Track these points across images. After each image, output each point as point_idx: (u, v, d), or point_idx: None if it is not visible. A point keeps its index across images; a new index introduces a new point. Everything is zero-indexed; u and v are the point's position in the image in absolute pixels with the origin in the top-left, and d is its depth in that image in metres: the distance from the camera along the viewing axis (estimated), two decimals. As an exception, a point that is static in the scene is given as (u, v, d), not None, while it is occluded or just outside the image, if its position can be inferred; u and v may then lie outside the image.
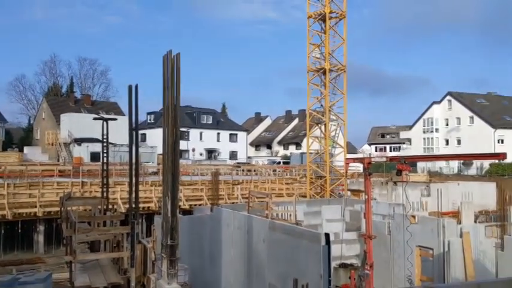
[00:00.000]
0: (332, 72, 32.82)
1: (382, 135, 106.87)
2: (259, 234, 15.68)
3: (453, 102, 72.82)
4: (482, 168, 58.20)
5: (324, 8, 32.02)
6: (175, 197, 8.98)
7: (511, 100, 77.60)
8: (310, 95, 33.65)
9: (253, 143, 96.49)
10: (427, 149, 73.95)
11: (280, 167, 56.49)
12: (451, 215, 23.72)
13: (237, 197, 32.37)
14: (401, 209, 19.44)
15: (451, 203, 28.00)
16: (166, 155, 9.13)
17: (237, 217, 17.51)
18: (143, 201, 28.52)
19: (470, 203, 24.10)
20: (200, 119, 74.80)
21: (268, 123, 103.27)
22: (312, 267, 12.58)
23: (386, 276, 18.19)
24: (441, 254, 16.42)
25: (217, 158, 72.51)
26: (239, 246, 17.03)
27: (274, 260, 14.69)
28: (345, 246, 19.64)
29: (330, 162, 33.59)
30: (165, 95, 9.27)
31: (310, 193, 33.34)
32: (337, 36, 32.91)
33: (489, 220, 22.12)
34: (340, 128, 34.90)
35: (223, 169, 46.06)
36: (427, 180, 37.35)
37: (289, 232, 14.15)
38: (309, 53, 33.06)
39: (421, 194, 31.38)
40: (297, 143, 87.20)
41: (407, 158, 15.67)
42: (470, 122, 69.65)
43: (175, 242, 9.09)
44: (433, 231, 16.85)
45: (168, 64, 9.28)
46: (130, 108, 14.48)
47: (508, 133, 67.56)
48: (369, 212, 15.35)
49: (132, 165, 14.80)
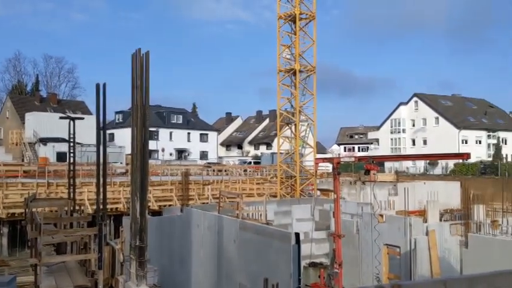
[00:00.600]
0: (302, 73, 33.04)
1: (351, 135, 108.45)
2: (229, 235, 15.66)
3: (419, 103, 74.56)
4: (447, 167, 59.79)
5: (294, 9, 32.21)
6: (144, 198, 8.84)
7: (474, 102, 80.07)
8: (280, 95, 33.79)
9: (224, 143, 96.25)
10: (394, 149, 75.46)
11: (251, 167, 56.51)
12: (417, 213, 24.26)
13: (207, 198, 32.19)
14: (369, 208, 19.78)
15: (418, 202, 28.63)
16: (135, 155, 8.99)
17: (207, 217, 17.42)
18: (111, 202, 28.01)
19: (435, 202, 24.72)
20: (170, 119, 74.04)
21: (239, 123, 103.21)
22: (282, 267, 12.65)
23: (355, 275, 18.45)
24: (408, 252, 16.79)
25: (187, 158, 71.94)
26: (209, 246, 16.96)
27: (245, 259, 14.69)
28: (314, 246, 19.83)
29: (300, 162, 33.82)
30: (133, 94, 9.13)
31: (281, 193, 33.49)
32: (307, 37, 33.17)
33: (454, 218, 22.72)
34: (310, 128, 35.20)
35: (194, 169, 45.72)
36: (394, 179, 38.05)
37: (259, 232, 14.18)
38: (279, 53, 33.20)
39: (389, 193, 31.95)
40: (268, 143, 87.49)
41: (375, 158, 15.95)
42: (435, 123, 71.46)
43: (144, 244, 8.95)
44: (400, 230, 17.21)
45: (137, 63, 9.14)
46: (98, 107, 14.16)
47: (472, 134, 69.70)
48: (337, 211, 15.55)
49: (100, 165, 14.50)
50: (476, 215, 18.30)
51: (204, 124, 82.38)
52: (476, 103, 79.66)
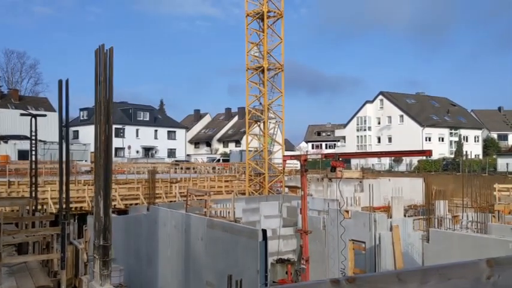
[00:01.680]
0: (270, 71, 33.18)
1: (318, 133, 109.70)
2: (197, 233, 15.57)
3: (385, 101, 76.11)
4: (412, 164, 61.34)
5: (262, 7, 32.27)
6: (108, 196, 8.68)
7: (438, 100, 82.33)
8: (249, 92, 33.84)
9: (193, 141, 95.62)
10: (360, 146, 76.82)
11: (219, 164, 56.32)
12: (382, 209, 24.78)
13: (175, 196, 31.91)
14: (335, 204, 20.05)
15: (383, 198, 29.26)
16: (99, 153, 8.81)
17: (174, 216, 17.27)
18: (75, 201, 27.40)
19: (400, 198, 25.29)
20: (136, 116, 72.98)
21: (208, 120, 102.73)
22: (249, 264, 12.68)
23: (322, 270, 18.69)
24: (373, 247, 17.12)
25: (154, 156, 71.11)
26: (176, 245, 16.82)
27: (212, 257, 14.66)
28: (282, 242, 19.96)
29: (269, 159, 33.98)
30: (97, 91, 8.93)
31: (249, 190, 33.56)
32: (275, 35, 33.32)
33: (417, 214, 23.32)
34: (278, 125, 35.40)
35: (161, 167, 45.21)
36: (360, 176, 38.72)
37: (227, 229, 14.17)
38: (248, 51, 33.21)
39: (355, 189, 32.50)
40: (237, 140, 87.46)
41: (341, 155, 16.18)
42: (400, 121, 73.12)
43: (108, 243, 8.79)
44: (365, 226, 17.52)
45: (101, 59, 8.94)
46: (60, 104, 13.85)
47: (435, 131, 71.70)
48: (305, 208, 15.71)
49: (63, 163, 14.16)
50: (438, 210, 18.84)
51: (171, 121, 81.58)
52: (439, 101, 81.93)
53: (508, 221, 17.35)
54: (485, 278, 2.15)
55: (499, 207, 19.37)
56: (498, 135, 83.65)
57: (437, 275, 2.01)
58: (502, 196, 23.55)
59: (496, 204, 20.41)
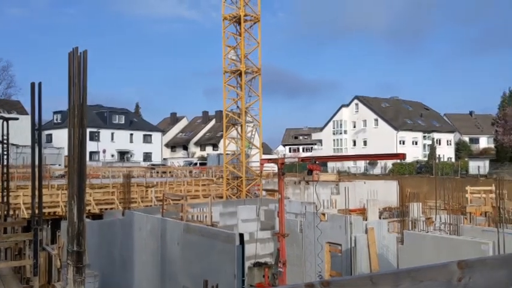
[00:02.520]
0: (248, 74, 33.21)
1: (296, 136, 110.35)
2: (173, 237, 15.44)
3: (360, 105, 77.08)
4: (386, 167, 62.23)
5: (239, 11, 32.31)
6: (81, 201, 8.53)
7: (411, 104, 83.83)
8: (226, 96, 33.79)
9: (169, 144, 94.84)
10: (336, 149, 77.56)
11: (196, 168, 56.05)
12: (358, 212, 25.07)
13: (151, 200, 31.54)
14: (312, 207, 20.17)
15: (359, 201, 29.60)
16: (72, 157, 8.65)
17: (150, 220, 17.10)
18: (49, 206, 26.82)
19: (375, 200, 25.66)
20: (112, 119, 72.01)
21: (185, 123, 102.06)
22: (226, 268, 12.64)
23: (299, 273, 18.76)
24: (349, 249, 17.29)
25: (130, 160, 70.28)
26: (152, 250, 16.64)
27: (189, 262, 14.55)
28: (259, 245, 19.97)
29: (246, 163, 33.96)
30: (70, 94, 8.78)
31: (227, 194, 33.46)
32: (252, 39, 33.39)
33: (392, 216, 23.69)
34: (256, 129, 35.42)
35: (137, 171, 44.68)
36: (336, 179, 39.11)
37: (203, 234, 14.10)
38: (225, 54, 33.19)
39: (331, 192, 32.82)
40: (214, 144, 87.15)
41: (317, 159, 16.30)
42: (375, 124, 74.15)
43: (82, 248, 8.62)
44: (341, 228, 17.69)
45: (74, 61, 8.80)
46: (33, 107, 13.55)
47: (409, 135, 72.96)
48: (282, 211, 15.76)
49: (35, 167, 13.86)
50: (412, 212, 19.18)
51: (147, 125, 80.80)
52: (412, 105, 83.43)
53: (479, 223, 17.76)
54: (456, 280, 2.19)
55: (470, 209, 19.81)
56: (470, 138, 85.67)
57: (409, 277, 2.05)
58: (473, 198, 24.10)
59: (467, 206, 20.87)
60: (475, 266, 2.27)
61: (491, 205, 20.16)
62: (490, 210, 19.91)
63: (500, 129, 50.32)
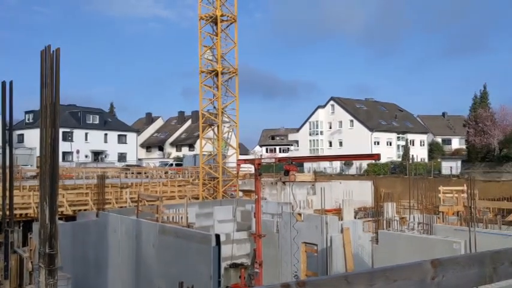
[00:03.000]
0: (224, 75, 33.12)
1: (273, 137, 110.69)
2: (148, 239, 15.27)
3: (336, 106, 77.83)
4: (361, 168, 62.97)
5: (216, 11, 32.21)
6: (54, 202, 8.36)
7: (386, 105, 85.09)
8: (203, 96, 33.62)
9: (144, 145, 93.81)
10: (313, 150, 78.11)
11: (172, 169, 55.64)
12: (334, 212, 25.28)
13: (125, 201, 31.14)
14: (289, 207, 20.26)
15: (334, 201, 29.85)
16: (44, 157, 8.48)
17: (124, 222, 16.87)
18: (20, 207, 26.17)
19: (350, 200, 25.93)
20: (85, 119, 70.83)
21: (160, 124, 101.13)
22: (202, 269, 12.57)
23: (275, 274, 18.81)
24: (324, 249, 17.42)
25: (104, 160, 69.27)
26: (127, 252, 16.42)
27: (164, 264, 14.41)
28: (235, 246, 19.92)
29: (223, 163, 33.86)
30: (42, 93, 8.60)
31: (203, 195, 33.29)
32: (229, 39, 33.32)
33: (367, 216, 23.96)
34: (232, 129, 35.35)
35: (111, 172, 44.03)
36: (312, 179, 39.33)
37: (179, 235, 13.98)
38: (201, 54, 33.02)
39: (307, 192, 33.00)
40: (190, 144, 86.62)
41: (294, 159, 16.38)
42: (350, 125, 74.99)
43: (54, 251, 8.45)
44: (317, 228, 17.80)
45: (47, 60, 8.62)
46: (4, 107, 13.24)
47: (383, 136, 74.03)
48: (258, 212, 15.77)
49: (6, 168, 13.53)
50: (387, 212, 19.45)
51: (122, 125, 79.78)
52: (387, 107, 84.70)
53: (451, 222, 18.14)
54: (429, 278, 2.23)
55: (443, 209, 20.22)
56: (442, 139, 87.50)
57: (384, 277, 2.07)
58: (446, 198, 24.60)
59: (440, 206, 21.29)
60: (447, 264, 2.31)
61: (463, 205, 20.62)
62: (461, 209, 20.35)
63: (471, 130, 51.51)
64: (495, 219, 17.69)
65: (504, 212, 21.86)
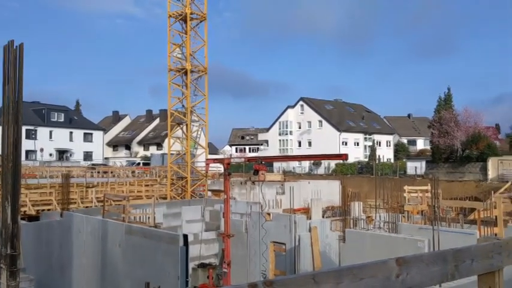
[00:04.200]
0: (193, 73, 32.88)
1: (242, 136, 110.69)
2: (114, 239, 15.00)
3: (305, 107, 78.52)
4: (330, 167, 63.75)
5: (185, 9, 31.94)
6: (16, 202, 8.11)
7: (354, 106, 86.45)
8: (171, 94, 33.29)
9: (111, 143, 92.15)
10: (282, 150, 78.56)
11: (139, 168, 54.90)
12: (302, 211, 25.52)
13: (91, 201, 30.50)
14: (258, 207, 20.30)
15: (303, 200, 30.13)
16: (6, 156, 8.21)
17: (90, 222, 16.52)
18: (-20, 208, 25.26)
19: (319, 200, 26.24)
20: (50, 117, 69.02)
21: (128, 122, 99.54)
22: (169, 269, 12.44)
23: (243, 273, 18.81)
24: (293, 248, 17.54)
25: (69, 159, 67.68)
26: (92, 252, 16.09)
27: (131, 265, 14.19)
28: (204, 246, 19.82)
29: (192, 163, 33.62)
30: (5, 90, 8.33)
31: (171, 194, 32.97)
32: (198, 37, 33.12)
33: (335, 215, 24.29)
34: (201, 129, 35.14)
35: (76, 171, 43.06)
36: (282, 179, 39.55)
37: (146, 235, 13.80)
38: (170, 52, 32.70)
39: (277, 192, 33.16)
40: (158, 143, 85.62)
41: (263, 159, 16.43)
42: (319, 126, 75.81)
43: (16, 252, 8.20)
44: (286, 227, 17.91)
45: (10, 55, 8.35)
46: None
47: (351, 136, 75.19)
48: (227, 212, 15.74)
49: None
50: (353, 211, 19.76)
51: (88, 123, 78.16)
52: (355, 108, 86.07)
53: (416, 221, 18.59)
54: (394, 276, 2.27)
55: (408, 208, 20.69)
56: (408, 140, 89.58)
57: (351, 275, 2.09)
58: (411, 197, 25.20)
59: (405, 205, 21.78)
60: (412, 262, 2.36)
61: (427, 204, 21.15)
62: (426, 208, 20.88)
63: (435, 131, 52.89)
64: (457, 218, 18.25)
65: (466, 211, 22.56)
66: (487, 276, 2.71)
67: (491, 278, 2.71)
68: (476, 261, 2.62)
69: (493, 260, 2.70)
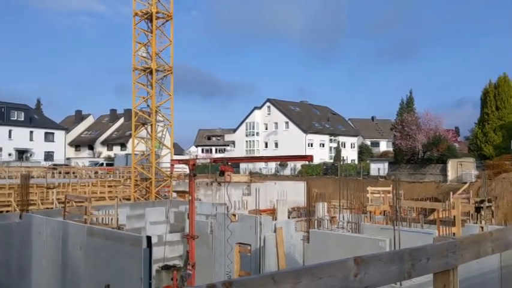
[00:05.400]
0: (159, 73, 32.52)
1: (209, 137, 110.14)
2: (75, 241, 14.62)
3: (272, 108, 78.92)
4: (296, 168, 64.27)
5: (151, 7, 31.55)
6: (-31, 204, 7.79)
7: (319, 108, 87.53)
8: (136, 94, 32.80)
9: (73, 143, 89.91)
10: (249, 151, 78.65)
11: (103, 168, 53.86)
12: (268, 212, 25.61)
13: (52, 202, 29.72)
14: (224, 208, 20.23)
15: (269, 201, 30.25)
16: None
17: (50, 224, 16.05)
18: None
19: (284, 200, 26.41)
20: (9, 115, 66.77)
21: (91, 122, 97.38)
22: (132, 272, 12.23)
23: (208, 275, 18.71)
24: (258, 249, 17.58)
25: (29, 159, 65.63)
26: (52, 255, 15.63)
27: (93, 267, 13.86)
28: (168, 248, 19.59)
29: (156, 163, 33.21)
30: (-42, 85, 7.97)
31: (135, 196, 32.47)
32: (164, 37, 32.77)
33: (300, 216, 24.49)
34: (167, 129, 34.78)
35: (37, 171, 41.84)
36: (248, 180, 39.62)
37: (108, 237, 13.51)
38: (135, 51, 32.22)
39: (243, 193, 33.18)
40: (122, 143, 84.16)
41: (229, 160, 16.38)
42: (286, 127, 76.34)
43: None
44: (251, 228, 17.93)
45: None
46: None
47: (317, 138, 76.08)
48: (192, 213, 15.61)
49: None
50: (318, 211, 19.98)
51: (49, 122, 76.06)
52: (320, 110, 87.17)
53: (378, 221, 18.94)
54: (352, 275, 2.30)
55: (370, 208, 21.07)
56: (371, 142, 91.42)
57: (310, 274, 2.11)
58: (373, 198, 25.69)
59: (368, 205, 22.19)
60: (369, 261, 2.40)
61: (388, 204, 21.61)
62: (388, 209, 21.32)
63: (398, 134, 54.17)
64: (418, 218, 18.71)
65: (426, 211, 23.18)
66: (442, 274, 2.79)
67: (446, 276, 2.78)
68: (432, 260, 2.69)
69: (448, 258, 2.78)
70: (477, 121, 52.60)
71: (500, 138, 48.56)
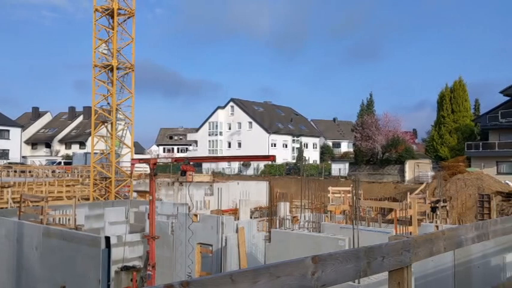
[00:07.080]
0: (120, 70, 31.91)
1: (171, 136, 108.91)
2: (31, 242, 14.15)
3: (235, 108, 78.87)
4: (259, 168, 64.52)
5: (112, 3, 30.92)
6: None
7: (283, 109, 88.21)
8: (96, 91, 32.06)
9: (30, 141, 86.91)
10: (212, 150, 78.26)
11: (60, 167, 52.29)
12: (230, 212, 25.57)
13: (7, 202, 28.65)
14: (185, 208, 20.05)
15: (232, 201, 30.22)
16: None
17: (4, 224, 15.47)
18: None
19: (247, 200, 26.44)
20: (-39, 111, 63.77)
21: (49, 119, 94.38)
22: (90, 273, 11.95)
23: (169, 275, 18.50)
24: (219, 249, 17.52)
25: (-18, 157, 62.90)
26: (6, 256, 15.07)
27: (49, 269, 13.45)
28: (128, 249, 19.25)
29: (116, 162, 32.56)
30: None
31: (94, 195, 31.72)
32: (126, 34, 32.19)
33: (262, 215, 24.59)
34: (128, 127, 34.17)
35: (-10, 170, 40.07)
36: (210, 180, 39.40)
37: (66, 238, 13.14)
38: (95, 47, 31.48)
39: (205, 193, 32.98)
40: (81, 142, 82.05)
41: (191, 159, 16.27)
42: (249, 127, 76.46)
43: None
44: (213, 228, 17.85)
45: None
46: None
47: (280, 138, 76.63)
48: (152, 213, 15.40)
49: None
50: (280, 211, 20.12)
51: (4, 119, 73.17)
52: (284, 110, 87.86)
53: (338, 220, 19.28)
54: (310, 274, 2.33)
55: (331, 208, 21.41)
56: (333, 143, 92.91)
57: (268, 273, 2.12)
58: (334, 198, 26.12)
59: (329, 205, 22.54)
60: (327, 260, 2.44)
61: (348, 204, 22.02)
62: (347, 208, 21.73)
63: (358, 135, 55.31)
64: (377, 217, 19.16)
65: (385, 210, 23.79)
66: (396, 272, 2.87)
67: (400, 274, 2.86)
68: (387, 258, 2.76)
69: (402, 256, 2.86)
70: (434, 123, 54.40)
71: (456, 140, 50.43)
